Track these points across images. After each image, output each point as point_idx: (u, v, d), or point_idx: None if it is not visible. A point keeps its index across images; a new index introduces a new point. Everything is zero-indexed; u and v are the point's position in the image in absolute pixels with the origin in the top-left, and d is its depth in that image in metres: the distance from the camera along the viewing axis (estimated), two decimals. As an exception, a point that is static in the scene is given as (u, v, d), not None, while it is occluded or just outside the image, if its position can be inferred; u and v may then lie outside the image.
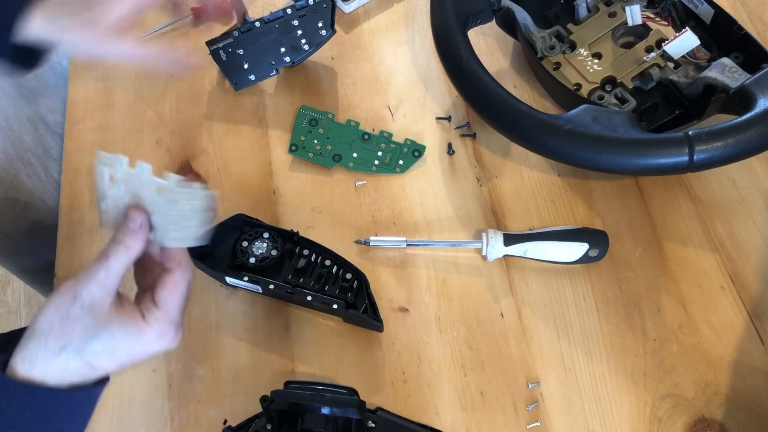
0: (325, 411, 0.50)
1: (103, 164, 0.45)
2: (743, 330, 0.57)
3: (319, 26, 0.66)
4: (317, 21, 0.66)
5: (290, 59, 0.67)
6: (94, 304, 0.41)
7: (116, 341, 0.42)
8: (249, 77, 0.69)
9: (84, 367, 0.41)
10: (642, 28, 0.65)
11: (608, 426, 0.54)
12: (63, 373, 0.40)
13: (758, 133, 0.51)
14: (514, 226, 0.63)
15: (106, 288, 0.42)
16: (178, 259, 0.45)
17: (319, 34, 0.66)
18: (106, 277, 0.42)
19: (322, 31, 0.66)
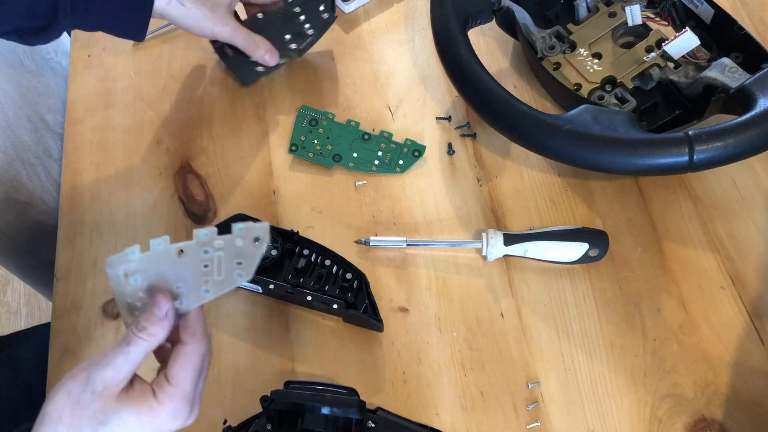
0: (325, 411, 0.50)
1: (113, 267, 0.43)
2: (743, 330, 0.57)
3: (320, 9, 0.68)
4: (318, 5, 0.68)
5: (296, 46, 0.68)
6: (105, 389, 0.40)
7: (127, 425, 0.40)
8: (257, 70, 0.69)
9: None
10: (642, 28, 0.65)
11: (608, 426, 0.54)
12: None
13: (758, 133, 0.51)
14: (514, 226, 0.63)
15: (121, 374, 0.40)
16: (193, 330, 0.43)
17: (322, 17, 0.67)
18: (124, 364, 0.40)
19: (324, 14, 0.67)
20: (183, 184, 0.66)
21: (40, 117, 0.81)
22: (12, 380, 0.71)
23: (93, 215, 0.65)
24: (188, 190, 0.66)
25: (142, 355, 0.41)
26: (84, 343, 0.59)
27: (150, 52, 0.75)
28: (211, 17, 0.62)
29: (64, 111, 0.72)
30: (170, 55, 0.75)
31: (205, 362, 0.44)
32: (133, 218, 0.65)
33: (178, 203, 0.65)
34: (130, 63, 0.74)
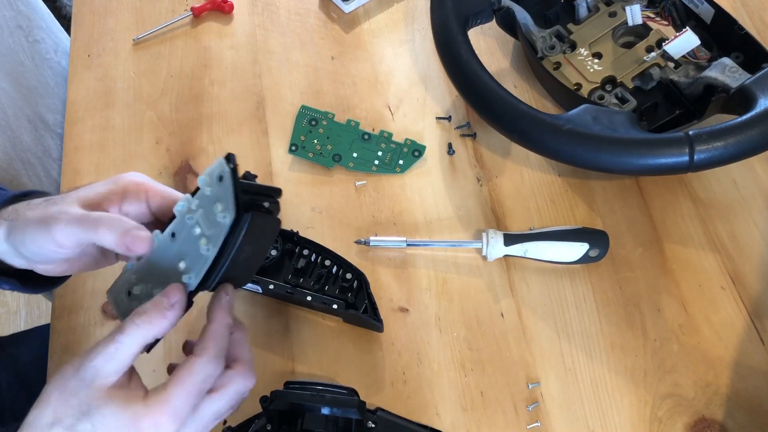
0: (325, 411, 0.50)
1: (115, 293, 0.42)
2: (743, 330, 0.57)
3: (216, 210, 0.40)
4: (212, 203, 0.41)
5: (192, 276, 0.41)
6: (95, 379, 0.38)
7: (107, 422, 0.37)
8: None
9: None
10: (642, 28, 0.65)
11: (608, 426, 0.54)
12: None
13: (759, 133, 0.51)
14: (514, 226, 0.63)
15: (112, 363, 0.38)
16: (204, 344, 0.40)
17: (217, 221, 0.40)
18: (115, 352, 0.38)
19: (223, 216, 0.40)
20: (183, 184, 0.66)
21: (39, 117, 0.81)
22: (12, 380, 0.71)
23: (93, 215, 0.65)
24: (188, 190, 0.66)
25: (136, 344, 0.39)
26: (84, 343, 0.59)
27: (150, 52, 0.75)
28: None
29: (63, 111, 0.72)
30: (170, 55, 0.75)
31: (225, 396, 0.40)
32: (133, 218, 0.65)
33: (178, 203, 0.65)
34: (130, 63, 0.74)
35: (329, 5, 0.77)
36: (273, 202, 0.41)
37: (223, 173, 0.39)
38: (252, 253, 0.41)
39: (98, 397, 0.38)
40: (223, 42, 0.75)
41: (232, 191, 0.38)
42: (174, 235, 0.41)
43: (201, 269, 0.40)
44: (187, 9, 0.77)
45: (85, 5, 0.79)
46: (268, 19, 0.77)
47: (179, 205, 0.42)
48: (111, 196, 0.44)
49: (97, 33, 0.77)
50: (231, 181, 0.38)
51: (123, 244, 0.40)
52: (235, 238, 0.39)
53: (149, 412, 0.38)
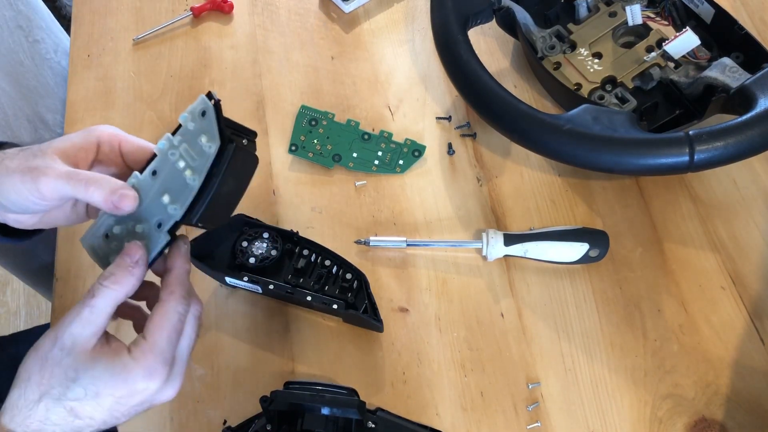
0: (325, 411, 0.50)
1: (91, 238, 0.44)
2: (744, 330, 0.57)
3: (201, 141, 0.42)
4: (197, 135, 0.42)
5: (177, 208, 0.42)
6: (75, 345, 0.38)
7: (99, 382, 0.38)
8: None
9: (67, 415, 0.38)
10: (642, 28, 0.65)
11: (608, 426, 0.54)
12: (44, 425, 0.37)
13: (759, 133, 0.51)
14: (514, 226, 0.62)
15: (89, 327, 0.39)
16: (171, 288, 0.42)
17: (203, 150, 0.42)
18: (90, 316, 0.39)
19: (208, 146, 0.41)
20: (183, 184, 0.66)
21: (39, 117, 0.81)
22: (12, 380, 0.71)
23: (93, 215, 0.65)
24: (188, 190, 0.66)
25: (109, 306, 0.39)
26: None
27: (150, 52, 0.75)
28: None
29: (63, 111, 0.72)
30: (170, 55, 0.75)
31: (190, 327, 0.42)
32: (133, 218, 0.65)
33: (177, 203, 0.65)
34: (130, 63, 0.74)
35: (329, 5, 0.77)
36: (251, 141, 0.43)
37: (206, 108, 0.41)
38: (233, 187, 0.43)
39: (83, 361, 0.38)
40: (223, 42, 0.75)
41: (216, 123, 0.40)
42: (155, 172, 0.43)
43: (186, 199, 0.41)
44: (187, 9, 0.77)
45: (85, 5, 0.79)
46: (268, 19, 0.77)
47: (161, 144, 0.43)
48: (87, 147, 0.45)
49: (97, 33, 0.77)
50: (215, 114, 0.40)
51: (110, 201, 0.42)
52: (221, 166, 0.41)
53: (138, 361, 0.39)
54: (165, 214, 0.42)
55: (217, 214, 0.44)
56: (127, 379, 0.38)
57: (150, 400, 0.40)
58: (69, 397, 0.37)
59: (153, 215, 0.42)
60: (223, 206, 0.44)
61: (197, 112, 0.42)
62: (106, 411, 0.39)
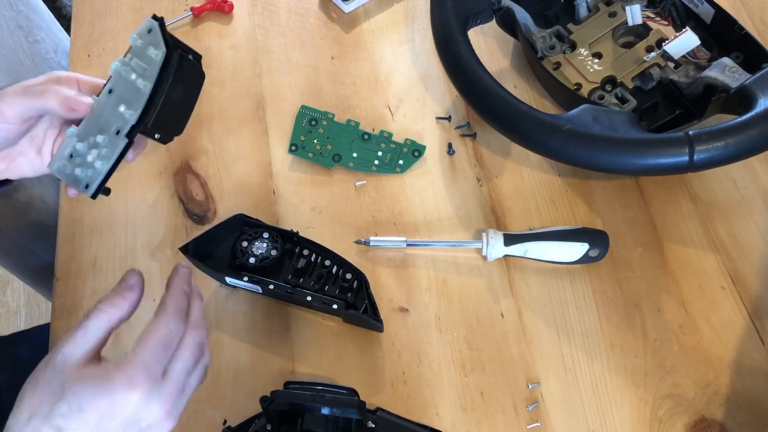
0: (325, 411, 0.50)
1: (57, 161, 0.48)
2: (743, 330, 0.57)
3: (149, 52, 0.47)
4: (145, 47, 0.48)
5: (133, 113, 0.46)
6: (65, 364, 0.38)
7: (82, 396, 0.37)
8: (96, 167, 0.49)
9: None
10: (642, 28, 0.65)
11: (608, 426, 0.54)
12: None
13: (759, 133, 0.51)
14: (514, 226, 0.63)
15: (80, 348, 0.39)
16: (165, 306, 0.42)
17: (151, 58, 0.47)
18: (82, 338, 0.39)
19: (155, 52, 0.47)
20: (183, 184, 0.66)
21: (39, 117, 0.81)
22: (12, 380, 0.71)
23: (93, 215, 0.65)
24: (188, 190, 0.66)
25: (102, 328, 0.40)
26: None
27: (150, 52, 0.75)
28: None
29: (63, 111, 0.72)
30: (170, 55, 0.75)
31: (188, 350, 0.41)
32: (133, 218, 0.65)
33: (177, 203, 0.65)
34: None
35: (329, 5, 0.77)
36: (196, 58, 0.48)
37: (152, 26, 0.46)
38: (183, 95, 0.47)
39: (69, 378, 0.38)
40: (223, 42, 0.75)
41: (161, 34, 0.45)
42: (111, 91, 0.46)
43: (140, 103, 0.45)
44: (187, 9, 0.77)
45: (85, 5, 0.79)
46: (268, 19, 0.77)
47: (114, 65, 0.47)
48: (47, 83, 0.48)
49: (97, 33, 0.77)
50: (159, 28, 0.46)
51: (67, 105, 0.45)
52: (169, 70, 0.45)
53: (120, 369, 0.38)
54: (122, 121, 0.46)
55: (169, 122, 0.48)
56: (107, 389, 0.38)
57: (137, 420, 0.39)
58: (55, 414, 0.37)
59: (112, 125, 0.46)
60: (175, 115, 0.48)
61: (144, 31, 0.46)
62: (92, 428, 0.38)
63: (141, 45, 0.46)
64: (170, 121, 0.48)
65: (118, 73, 0.47)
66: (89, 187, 0.47)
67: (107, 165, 0.46)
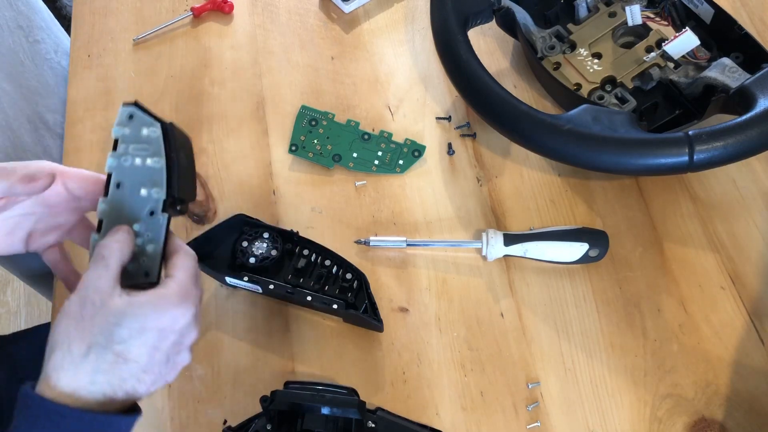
0: (325, 411, 0.50)
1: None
2: (743, 330, 0.57)
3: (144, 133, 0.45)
4: (139, 132, 0.46)
5: (159, 189, 0.45)
6: (103, 297, 0.40)
7: (141, 317, 0.40)
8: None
9: (116, 361, 0.39)
10: (642, 28, 0.65)
11: (608, 426, 0.54)
12: (94, 375, 0.38)
13: (758, 133, 0.51)
14: (514, 226, 0.63)
15: (109, 280, 0.40)
16: (184, 248, 0.45)
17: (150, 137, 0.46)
18: (106, 270, 0.41)
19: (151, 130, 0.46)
20: (183, 184, 0.66)
21: (40, 117, 0.81)
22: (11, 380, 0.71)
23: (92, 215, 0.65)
24: (188, 190, 0.66)
25: (119, 258, 0.42)
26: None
27: (150, 52, 0.75)
28: None
29: (64, 111, 0.72)
30: (170, 55, 0.75)
31: (198, 274, 0.45)
32: (133, 218, 0.65)
33: (178, 203, 0.65)
34: (130, 63, 0.74)
35: (329, 5, 0.77)
36: (172, 123, 0.48)
37: (132, 112, 0.46)
38: (186, 160, 0.48)
39: (119, 305, 0.39)
40: (223, 42, 0.75)
41: (148, 114, 0.45)
42: (119, 185, 0.46)
43: (162, 178, 0.45)
44: (187, 9, 0.77)
45: (85, 5, 0.79)
46: (268, 19, 0.77)
47: (109, 161, 0.46)
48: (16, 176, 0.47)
49: (97, 33, 0.77)
50: (143, 110, 0.45)
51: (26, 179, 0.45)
52: (171, 140, 0.45)
53: (171, 288, 0.41)
54: (152, 202, 0.45)
55: (189, 186, 0.48)
56: (166, 306, 0.41)
57: (180, 340, 0.42)
58: (115, 340, 0.39)
59: (141, 210, 0.46)
60: (189, 178, 0.48)
61: (125, 119, 0.46)
62: (149, 345, 0.40)
63: (129, 132, 0.46)
64: (188, 186, 0.48)
65: (119, 166, 0.46)
66: (150, 275, 0.45)
67: (159, 245, 0.45)
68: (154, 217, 0.45)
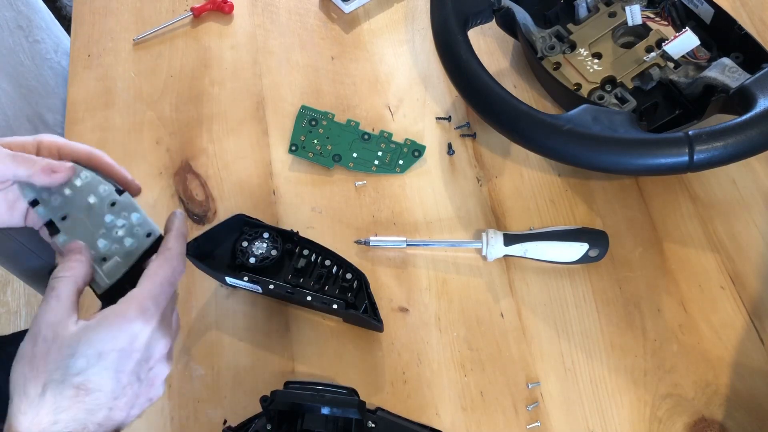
0: (325, 411, 0.50)
1: None
2: (743, 330, 0.57)
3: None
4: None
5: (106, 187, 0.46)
6: (56, 330, 0.38)
7: (95, 342, 0.37)
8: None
9: (77, 395, 0.37)
10: (642, 28, 0.65)
11: (608, 426, 0.54)
12: (56, 415, 0.36)
13: (758, 133, 0.51)
14: (514, 226, 0.63)
15: (61, 312, 0.38)
16: (169, 244, 0.43)
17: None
18: (57, 303, 0.39)
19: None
20: (183, 184, 0.66)
21: (40, 117, 0.81)
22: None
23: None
24: (188, 190, 0.66)
25: (71, 289, 0.40)
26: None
27: (150, 52, 0.75)
28: None
29: (64, 111, 0.72)
30: (170, 55, 0.75)
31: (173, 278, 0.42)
32: (133, 218, 0.65)
33: (178, 203, 0.65)
34: (130, 63, 0.75)
35: (329, 5, 0.77)
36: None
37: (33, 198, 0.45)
38: None
39: (73, 335, 0.38)
40: (223, 42, 0.75)
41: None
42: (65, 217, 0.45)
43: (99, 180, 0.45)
44: (187, 9, 0.77)
45: (85, 5, 0.79)
46: (268, 19, 0.77)
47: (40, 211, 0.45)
48: (27, 146, 0.46)
49: (97, 33, 0.77)
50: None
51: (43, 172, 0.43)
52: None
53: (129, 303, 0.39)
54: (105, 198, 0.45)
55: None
56: (121, 324, 0.38)
57: (147, 357, 0.39)
58: (72, 372, 0.37)
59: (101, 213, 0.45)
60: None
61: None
62: (112, 374, 0.38)
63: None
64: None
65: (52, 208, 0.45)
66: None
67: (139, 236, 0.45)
68: (117, 206, 0.45)
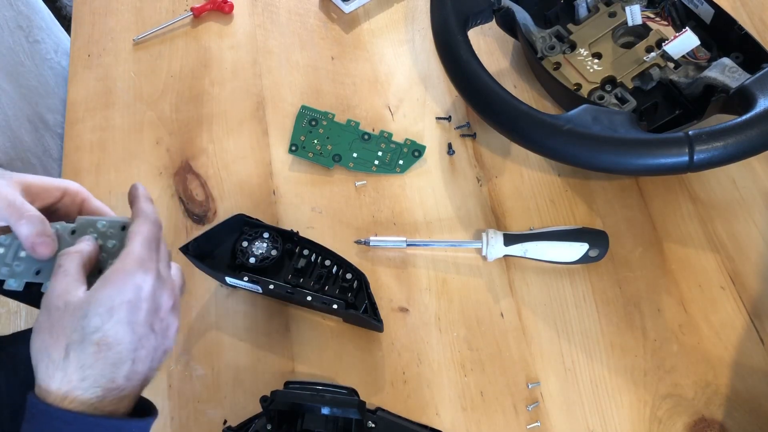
0: (325, 411, 0.50)
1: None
2: (743, 330, 0.57)
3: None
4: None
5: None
6: (67, 298, 0.39)
7: (104, 299, 0.39)
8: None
9: (98, 352, 0.38)
10: (642, 28, 0.65)
11: (608, 426, 0.54)
12: (83, 372, 0.38)
13: (758, 133, 0.51)
14: (514, 226, 0.63)
15: (69, 283, 0.40)
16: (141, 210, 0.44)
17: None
18: (65, 276, 0.40)
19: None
20: (183, 184, 0.66)
21: (40, 117, 0.81)
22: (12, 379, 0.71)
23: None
24: (188, 190, 0.66)
25: (78, 263, 0.41)
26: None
27: (150, 52, 0.75)
28: None
29: (64, 111, 0.72)
30: (170, 55, 0.75)
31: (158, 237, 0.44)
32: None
33: (178, 203, 0.65)
34: (130, 63, 0.75)
35: (329, 5, 0.77)
36: None
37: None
38: None
39: (82, 299, 0.39)
40: (223, 42, 0.75)
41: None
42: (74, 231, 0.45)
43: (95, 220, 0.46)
44: (187, 9, 0.77)
45: (85, 5, 0.79)
46: (268, 19, 0.77)
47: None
48: (51, 190, 0.47)
49: (97, 33, 0.77)
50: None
51: (30, 241, 0.43)
52: None
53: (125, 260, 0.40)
54: None
55: None
56: (124, 279, 0.40)
57: (156, 308, 0.41)
58: (89, 331, 0.38)
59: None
60: None
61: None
62: (127, 327, 0.39)
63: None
64: None
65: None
66: None
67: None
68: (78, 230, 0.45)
